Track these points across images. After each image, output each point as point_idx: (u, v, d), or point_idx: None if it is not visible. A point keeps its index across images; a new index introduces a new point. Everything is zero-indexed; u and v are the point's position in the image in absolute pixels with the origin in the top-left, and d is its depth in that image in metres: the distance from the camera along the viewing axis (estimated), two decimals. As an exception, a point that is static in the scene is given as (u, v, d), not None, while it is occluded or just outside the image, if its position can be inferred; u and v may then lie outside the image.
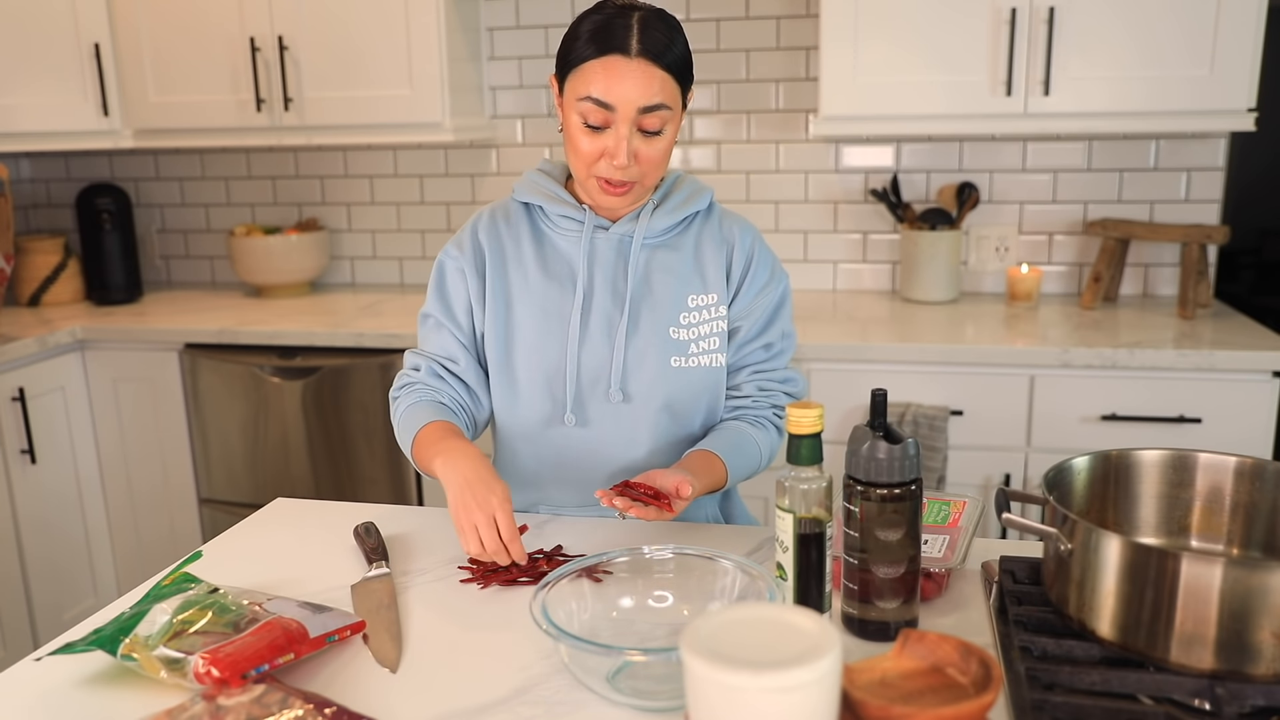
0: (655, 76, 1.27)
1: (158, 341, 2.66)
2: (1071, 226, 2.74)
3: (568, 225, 1.41)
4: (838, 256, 2.88)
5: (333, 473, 2.62)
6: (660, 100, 1.28)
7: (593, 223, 1.40)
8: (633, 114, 1.28)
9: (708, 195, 1.44)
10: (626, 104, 1.27)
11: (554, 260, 1.41)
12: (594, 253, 1.40)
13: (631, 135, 1.29)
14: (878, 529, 0.99)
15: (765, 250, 1.45)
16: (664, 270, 1.40)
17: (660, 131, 1.31)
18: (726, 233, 1.44)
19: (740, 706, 0.68)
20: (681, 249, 1.41)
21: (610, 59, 1.27)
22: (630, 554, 1.06)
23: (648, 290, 1.39)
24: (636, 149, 1.30)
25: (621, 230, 1.40)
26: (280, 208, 3.19)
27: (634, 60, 1.26)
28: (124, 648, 0.98)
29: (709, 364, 1.39)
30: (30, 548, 2.57)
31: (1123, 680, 0.90)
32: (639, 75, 1.27)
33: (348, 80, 2.67)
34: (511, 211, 1.45)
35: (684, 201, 1.41)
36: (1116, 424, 2.19)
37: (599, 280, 1.39)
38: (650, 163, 1.32)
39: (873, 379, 2.27)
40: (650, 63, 1.27)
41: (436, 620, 1.10)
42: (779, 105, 2.81)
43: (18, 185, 3.29)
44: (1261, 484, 1.05)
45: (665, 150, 1.33)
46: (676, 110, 1.32)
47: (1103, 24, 2.28)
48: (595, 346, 1.37)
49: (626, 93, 1.27)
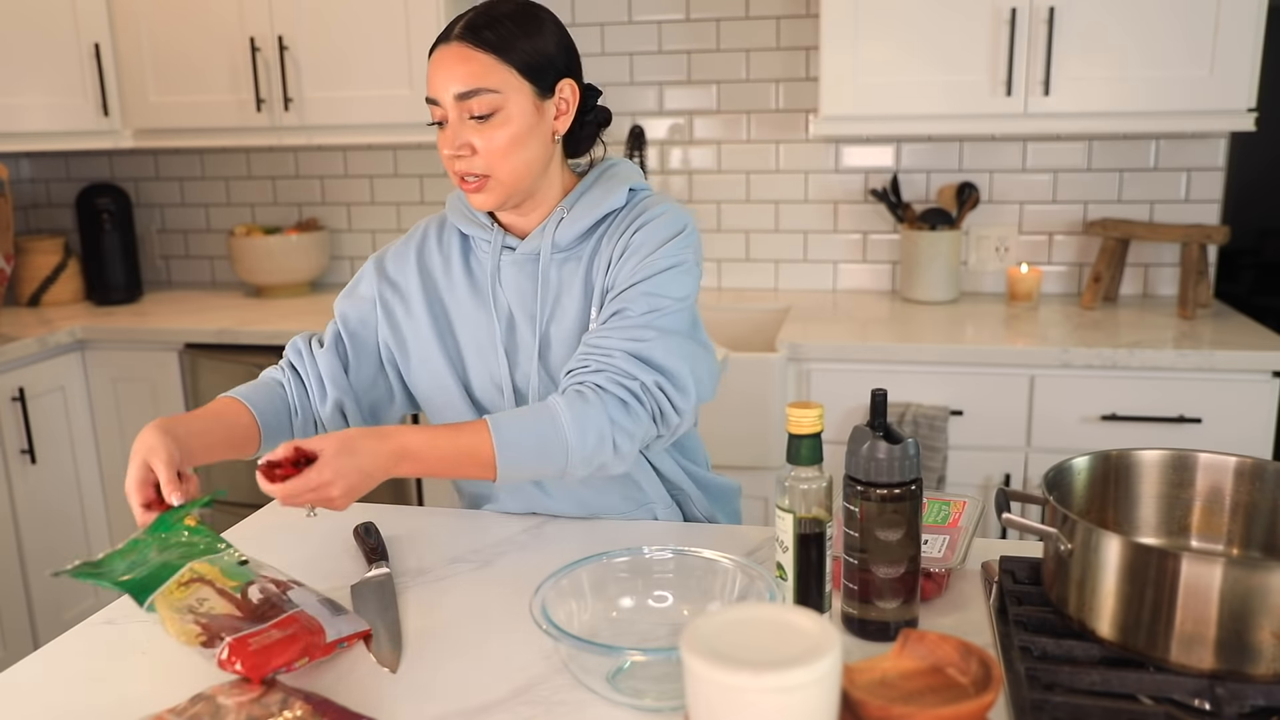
0: (472, 59, 1.21)
1: (158, 341, 2.66)
2: (1071, 226, 2.74)
3: (485, 246, 1.35)
4: (838, 256, 2.88)
5: (333, 473, 2.62)
6: (478, 85, 1.21)
7: (501, 242, 1.33)
8: (450, 100, 1.22)
9: (623, 190, 1.31)
10: (444, 91, 1.22)
11: (480, 283, 1.36)
12: (504, 274, 1.33)
13: (461, 125, 1.23)
14: (878, 529, 0.99)
15: (662, 226, 1.27)
16: (572, 283, 1.31)
17: (488, 117, 1.22)
18: (627, 223, 1.29)
19: (740, 706, 0.68)
20: (592, 257, 1.31)
21: (437, 51, 1.24)
22: (630, 554, 1.06)
23: (559, 310, 1.31)
24: (469, 139, 1.23)
25: (528, 249, 1.32)
26: (280, 208, 3.19)
27: (452, 45, 1.22)
28: (152, 598, 0.97)
29: None
30: (30, 548, 2.57)
31: (1123, 680, 0.90)
32: (453, 59, 1.22)
33: (348, 80, 2.67)
34: (446, 230, 1.40)
35: (594, 204, 1.31)
36: (1116, 424, 2.19)
37: (514, 303, 1.33)
38: (493, 154, 1.23)
39: (873, 379, 2.27)
40: (467, 45, 1.22)
41: (436, 620, 1.10)
42: (779, 105, 2.81)
43: (18, 185, 3.29)
44: (1261, 484, 1.05)
45: (509, 139, 1.23)
46: (517, 94, 1.23)
47: (1103, 24, 2.28)
48: (526, 374, 1.33)
49: (443, 80, 1.22)
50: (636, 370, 1.20)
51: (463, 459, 1.13)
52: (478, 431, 1.14)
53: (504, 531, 1.33)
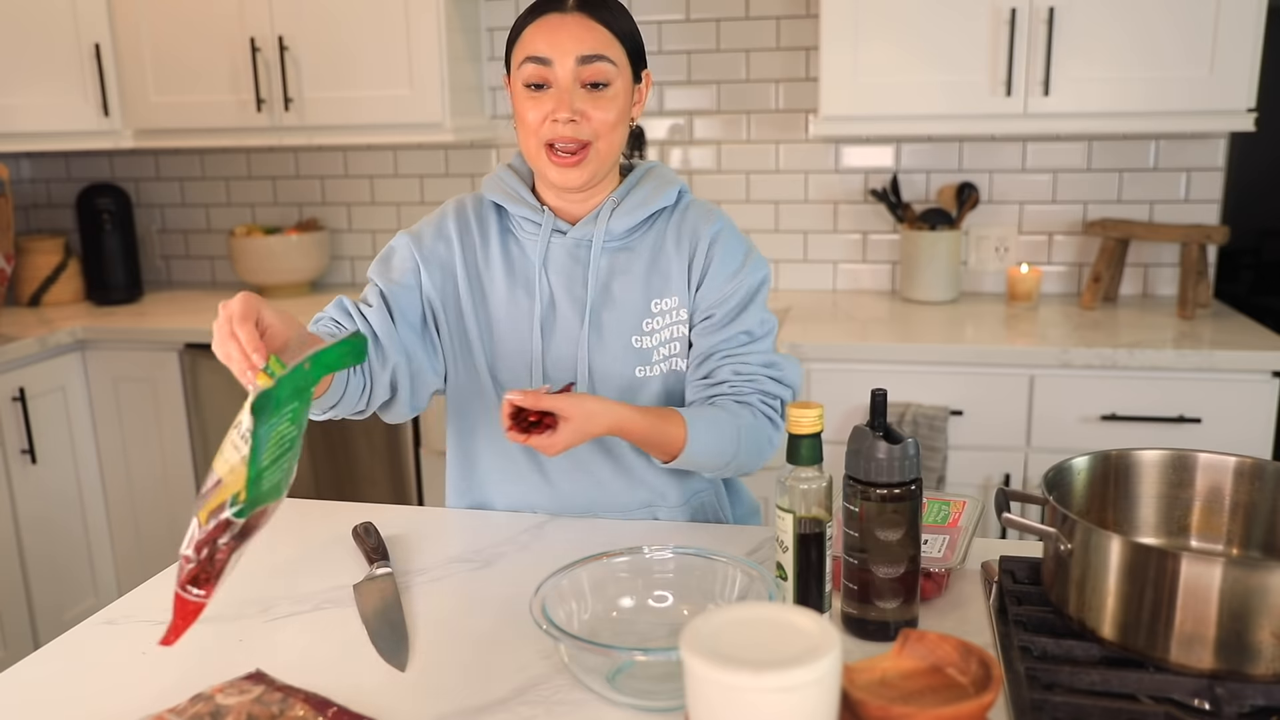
0: (593, 29, 1.23)
1: (158, 341, 2.66)
2: (1071, 226, 2.74)
3: (529, 228, 1.35)
4: (838, 256, 2.88)
5: (333, 473, 2.62)
6: (601, 51, 1.23)
7: (551, 225, 1.33)
8: (571, 64, 1.22)
9: (674, 189, 1.36)
10: (564, 54, 1.22)
11: (519, 264, 1.36)
12: (551, 258, 1.34)
13: (574, 90, 1.23)
14: (878, 529, 0.99)
15: (734, 237, 1.36)
16: (625, 274, 1.33)
17: (607, 85, 1.24)
18: (690, 228, 1.35)
19: (740, 706, 0.68)
20: (643, 251, 1.34)
21: (546, 17, 1.24)
22: (630, 554, 1.06)
23: (608, 297, 1.33)
24: (582, 108, 1.23)
25: (579, 234, 1.33)
26: (280, 208, 3.19)
27: (569, 14, 1.23)
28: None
29: (670, 369, 1.35)
30: (30, 548, 2.57)
31: (1122, 680, 0.90)
32: (575, 25, 1.22)
33: (348, 80, 2.67)
34: (483, 208, 1.39)
35: (646, 199, 1.34)
36: (1116, 424, 2.19)
37: (558, 287, 1.33)
38: (602, 124, 1.24)
39: (873, 379, 2.27)
40: (587, 16, 1.23)
41: (436, 621, 1.10)
42: (779, 105, 2.81)
43: (18, 185, 3.29)
44: (1261, 484, 1.05)
45: (617, 114, 1.26)
46: (623, 71, 1.26)
47: (1102, 24, 2.28)
48: (560, 357, 1.33)
49: (562, 42, 1.22)
50: (777, 390, 1.33)
51: (657, 440, 1.23)
52: (677, 424, 1.23)
53: (504, 531, 1.33)
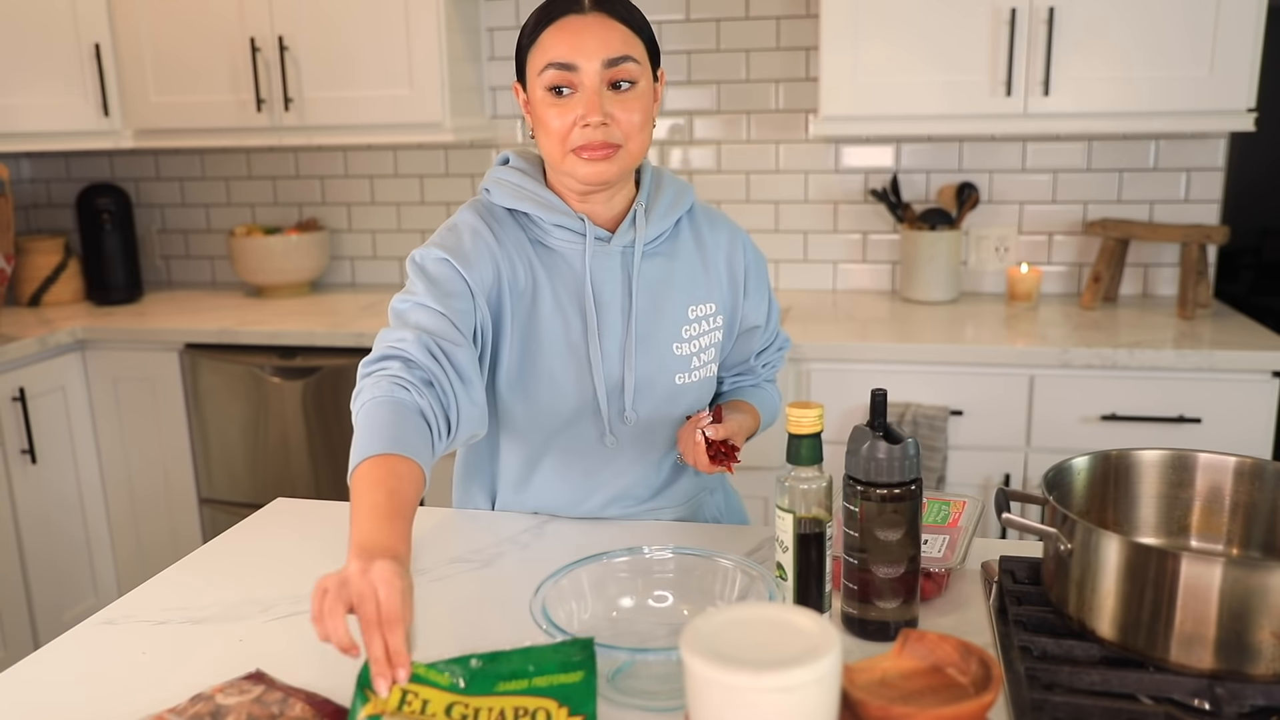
0: (616, 28, 1.19)
1: (158, 341, 2.66)
2: (1071, 226, 2.74)
3: (562, 235, 1.28)
4: (837, 256, 2.88)
5: (333, 473, 2.62)
6: (626, 51, 1.18)
7: (593, 234, 1.28)
8: (597, 67, 1.17)
9: (690, 192, 1.37)
10: (589, 57, 1.17)
11: (560, 273, 1.28)
12: (597, 267, 1.29)
13: (600, 93, 1.18)
14: (878, 529, 0.99)
15: (753, 244, 1.42)
16: (664, 281, 1.32)
17: (633, 84, 1.20)
18: (716, 235, 1.37)
19: (740, 706, 0.68)
20: (677, 256, 1.34)
21: (565, 20, 1.19)
22: (630, 554, 1.06)
23: (652, 304, 1.31)
24: (610, 111, 1.19)
25: (623, 241, 1.29)
26: (280, 208, 3.19)
27: (589, 15, 1.18)
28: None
29: (705, 376, 1.36)
30: (30, 548, 2.57)
31: (1123, 680, 0.90)
32: (597, 26, 1.18)
33: (348, 80, 2.67)
34: (499, 220, 1.29)
35: (673, 203, 1.33)
36: (1116, 424, 2.19)
37: (602, 295, 1.29)
38: (631, 126, 1.20)
39: (873, 379, 2.27)
40: (607, 15, 1.19)
41: (436, 620, 1.10)
42: (779, 105, 2.81)
43: (18, 185, 3.29)
44: (1261, 484, 1.05)
45: (643, 116, 1.22)
46: (646, 70, 1.22)
47: (1103, 24, 2.28)
48: (611, 367, 1.30)
49: (586, 45, 1.17)
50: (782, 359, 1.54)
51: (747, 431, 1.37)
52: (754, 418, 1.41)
53: (504, 531, 1.33)
